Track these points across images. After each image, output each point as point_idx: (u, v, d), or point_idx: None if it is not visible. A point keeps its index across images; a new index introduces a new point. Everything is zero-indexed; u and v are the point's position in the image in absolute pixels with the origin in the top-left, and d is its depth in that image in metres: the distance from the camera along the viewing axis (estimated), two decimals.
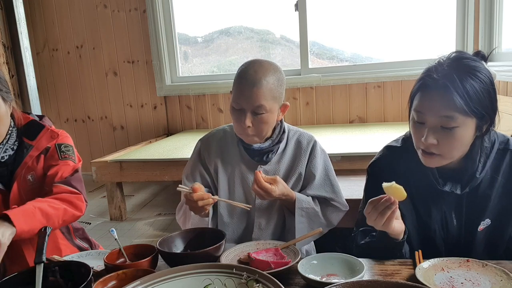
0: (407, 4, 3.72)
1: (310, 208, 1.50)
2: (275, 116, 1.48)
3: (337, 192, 1.56)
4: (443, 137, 1.12)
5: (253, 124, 1.43)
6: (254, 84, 1.39)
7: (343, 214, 1.58)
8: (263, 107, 1.40)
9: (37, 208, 1.32)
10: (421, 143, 1.15)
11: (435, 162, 1.17)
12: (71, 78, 4.33)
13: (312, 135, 1.60)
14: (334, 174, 1.60)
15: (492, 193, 1.22)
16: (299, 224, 1.49)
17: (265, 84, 1.40)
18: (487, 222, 1.23)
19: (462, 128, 1.11)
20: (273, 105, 1.44)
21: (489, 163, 1.21)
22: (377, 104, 3.75)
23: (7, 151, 1.39)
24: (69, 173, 1.45)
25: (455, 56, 1.15)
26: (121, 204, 3.22)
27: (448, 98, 1.08)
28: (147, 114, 4.25)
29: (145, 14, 4.03)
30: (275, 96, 1.43)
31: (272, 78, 1.42)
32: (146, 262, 1.13)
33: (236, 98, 1.44)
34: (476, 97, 1.09)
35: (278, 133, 1.53)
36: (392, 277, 1.09)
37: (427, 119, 1.13)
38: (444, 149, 1.14)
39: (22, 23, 4.08)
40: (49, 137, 1.45)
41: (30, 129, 1.44)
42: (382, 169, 1.30)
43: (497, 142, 1.23)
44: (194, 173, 1.58)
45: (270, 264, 1.13)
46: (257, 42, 4.29)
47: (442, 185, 1.21)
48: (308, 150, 1.55)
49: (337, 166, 2.63)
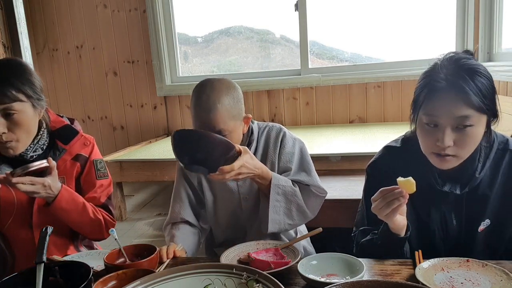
0: (407, 4, 3.72)
1: (288, 187, 1.44)
2: (239, 132, 1.45)
3: (314, 176, 1.52)
4: (459, 138, 1.12)
5: None
6: (210, 111, 1.35)
7: (322, 200, 1.53)
8: (223, 130, 1.37)
9: (84, 203, 1.44)
10: (435, 146, 1.14)
11: (450, 164, 1.16)
12: (71, 78, 4.33)
13: (282, 126, 1.58)
14: (311, 162, 1.56)
15: (491, 193, 1.22)
16: (275, 202, 1.42)
17: (220, 108, 1.36)
18: (487, 222, 1.23)
19: (476, 126, 1.11)
20: (234, 124, 1.41)
21: (489, 163, 1.21)
22: (377, 104, 3.75)
23: (36, 151, 1.44)
24: (106, 196, 1.56)
25: (452, 57, 1.15)
26: (121, 204, 3.22)
27: (463, 98, 1.08)
28: (147, 114, 4.25)
29: (145, 14, 4.03)
30: (233, 115, 1.40)
31: (227, 99, 1.38)
32: (146, 262, 1.13)
33: (195, 125, 1.41)
34: (487, 94, 1.10)
35: (246, 140, 1.52)
36: (392, 277, 1.09)
37: (441, 122, 1.12)
38: (460, 149, 1.13)
39: (22, 23, 4.08)
40: (82, 143, 1.53)
41: (64, 133, 1.51)
42: (381, 170, 1.30)
43: (496, 142, 1.23)
44: (181, 194, 1.58)
45: (270, 264, 1.13)
46: (257, 42, 4.29)
47: (442, 185, 1.21)
48: (278, 141, 1.53)
49: (337, 166, 2.64)
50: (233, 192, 1.54)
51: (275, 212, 1.43)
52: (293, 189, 1.45)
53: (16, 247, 1.46)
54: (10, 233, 1.44)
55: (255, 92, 3.94)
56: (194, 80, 4.15)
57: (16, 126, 1.34)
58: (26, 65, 1.41)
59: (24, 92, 1.34)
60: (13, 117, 1.33)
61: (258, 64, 4.27)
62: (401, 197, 1.06)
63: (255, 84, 3.90)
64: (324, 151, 2.74)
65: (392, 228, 1.15)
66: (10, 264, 1.45)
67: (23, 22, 4.10)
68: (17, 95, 1.32)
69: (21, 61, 1.44)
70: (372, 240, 1.24)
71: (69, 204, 1.40)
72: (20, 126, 1.35)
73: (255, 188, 1.52)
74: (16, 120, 1.34)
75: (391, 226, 1.14)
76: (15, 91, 1.32)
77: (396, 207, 1.07)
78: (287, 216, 1.45)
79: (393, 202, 1.07)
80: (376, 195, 1.10)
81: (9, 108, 1.31)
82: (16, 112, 1.33)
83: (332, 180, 2.42)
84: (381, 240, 1.19)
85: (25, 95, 1.35)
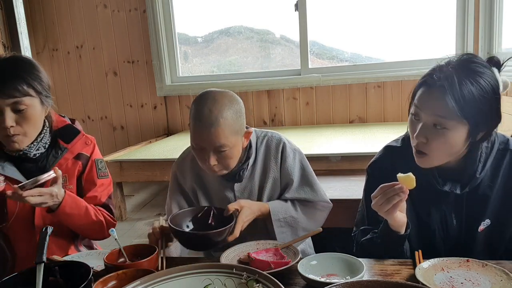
0: (407, 4, 3.72)
1: (288, 217, 1.46)
2: (239, 147, 1.41)
3: (317, 191, 1.51)
4: (433, 136, 1.13)
5: (218, 161, 1.36)
6: (212, 125, 1.30)
7: (327, 212, 1.54)
8: (225, 145, 1.33)
9: (86, 207, 1.45)
10: (413, 139, 1.17)
11: (424, 162, 1.18)
12: (71, 78, 4.33)
13: (281, 136, 1.53)
14: (313, 173, 1.54)
15: (492, 194, 1.22)
16: (281, 234, 1.46)
17: (223, 122, 1.30)
18: (487, 222, 1.23)
19: (452, 131, 1.11)
20: (235, 139, 1.36)
21: (489, 163, 1.21)
22: (377, 104, 3.75)
23: (39, 149, 1.45)
24: (107, 196, 1.57)
25: (465, 58, 1.14)
26: (121, 204, 3.22)
27: (443, 100, 1.09)
28: (147, 114, 4.25)
29: (145, 14, 4.03)
30: (235, 130, 1.35)
31: (229, 113, 1.32)
32: (146, 262, 1.13)
33: (195, 139, 1.36)
34: (472, 104, 1.08)
35: (244, 154, 1.47)
36: (392, 277, 1.09)
37: (422, 116, 1.14)
38: (432, 149, 1.14)
39: (22, 23, 4.08)
40: (84, 143, 1.54)
41: (66, 132, 1.52)
42: (382, 169, 1.30)
43: (497, 142, 1.23)
44: (174, 203, 1.56)
45: (270, 264, 1.13)
46: (257, 42, 4.29)
47: (442, 185, 1.21)
48: (279, 153, 1.49)
49: (337, 166, 2.64)
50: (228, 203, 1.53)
51: (283, 240, 1.44)
52: (293, 217, 1.47)
53: (17, 247, 1.46)
54: (12, 233, 1.45)
55: (255, 92, 3.93)
56: (194, 80, 4.16)
57: (24, 120, 1.36)
58: (35, 62, 1.44)
59: (34, 87, 1.36)
60: (22, 112, 1.34)
61: (258, 64, 4.27)
62: (402, 192, 1.07)
63: (255, 84, 3.90)
64: (324, 151, 2.74)
65: (392, 225, 1.15)
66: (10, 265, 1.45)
67: (23, 22, 4.10)
68: (27, 90, 1.34)
69: (30, 58, 1.46)
70: (372, 239, 1.24)
71: (73, 209, 1.41)
72: (28, 120, 1.37)
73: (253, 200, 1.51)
74: (25, 115, 1.35)
75: (391, 223, 1.14)
76: (26, 86, 1.34)
77: (396, 203, 1.08)
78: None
79: (394, 198, 1.07)
80: (377, 192, 1.11)
81: (20, 102, 1.33)
82: (26, 106, 1.34)
83: (332, 180, 2.42)
84: (381, 238, 1.20)
85: (35, 91, 1.37)
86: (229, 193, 1.50)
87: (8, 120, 1.32)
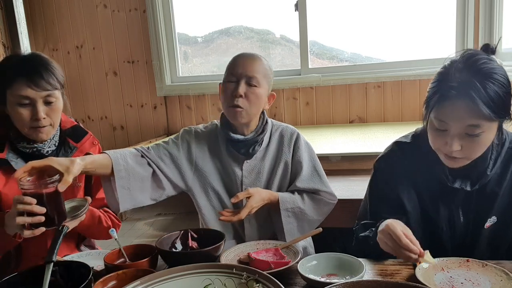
0: (407, 4, 3.72)
1: (296, 208, 1.51)
2: (264, 98, 1.53)
3: (325, 182, 1.58)
4: (467, 143, 1.12)
5: (245, 95, 1.46)
6: (251, 57, 1.52)
7: (332, 206, 1.60)
8: (256, 79, 1.47)
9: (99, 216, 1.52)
10: (444, 148, 1.15)
11: (459, 163, 1.17)
12: (71, 78, 4.32)
13: (296, 129, 1.64)
14: (321, 166, 1.62)
15: (500, 191, 1.23)
16: (288, 225, 1.51)
17: (259, 61, 1.51)
18: (493, 219, 1.24)
19: (487, 132, 1.11)
20: (264, 84, 1.50)
21: (500, 161, 1.21)
22: (377, 104, 3.75)
23: (51, 147, 1.51)
24: None
25: (469, 58, 1.12)
26: None
27: (473, 108, 1.06)
28: (147, 114, 4.25)
29: (145, 14, 4.03)
30: (267, 75, 1.52)
31: (265, 61, 1.54)
32: (146, 262, 1.13)
33: (231, 70, 1.50)
34: (500, 102, 1.08)
35: (261, 124, 1.57)
36: (392, 277, 1.09)
37: (450, 128, 1.12)
38: (468, 153, 1.14)
39: (22, 23, 4.08)
40: (91, 143, 1.61)
41: (74, 132, 1.60)
42: (390, 165, 1.29)
43: (507, 140, 1.23)
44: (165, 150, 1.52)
45: (270, 264, 1.13)
46: (257, 42, 4.29)
47: (452, 182, 1.21)
48: (292, 141, 1.58)
49: (337, 166, 2.63)
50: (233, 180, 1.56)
51: (290, 235, 1.50)
52: (300, 209, 1.52)
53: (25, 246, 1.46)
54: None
55: None
56: (194, 80, 4.16)
57: (52, 112, 1.45)
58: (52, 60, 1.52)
59: (60, 82, 1.47)
60: (51, 104, 1.44)
61: None
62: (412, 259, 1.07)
63: None
64: (324, 151, 2.73)
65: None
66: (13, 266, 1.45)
67: (23, 22, 4.10)
68: (56, 84, 1.44)
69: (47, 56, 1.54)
70: (367, 238, 1.24)
71: (89, 221, 1.47)
72: (56, 113, 1.46)
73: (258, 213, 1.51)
74: (53, 107, 1.45)
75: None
76: (56, 79, 1.44)
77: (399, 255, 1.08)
78: (301, 233, 1.53)
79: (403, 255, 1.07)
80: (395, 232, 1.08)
81: (51, 95, 1.43)
82: (55, 99, 1.44)
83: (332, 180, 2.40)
84: (373, 241, 1.19)
85: (60, 85, 1.48)
86: (238, 169, 1.54)
87: (41, 112, 1.40)
